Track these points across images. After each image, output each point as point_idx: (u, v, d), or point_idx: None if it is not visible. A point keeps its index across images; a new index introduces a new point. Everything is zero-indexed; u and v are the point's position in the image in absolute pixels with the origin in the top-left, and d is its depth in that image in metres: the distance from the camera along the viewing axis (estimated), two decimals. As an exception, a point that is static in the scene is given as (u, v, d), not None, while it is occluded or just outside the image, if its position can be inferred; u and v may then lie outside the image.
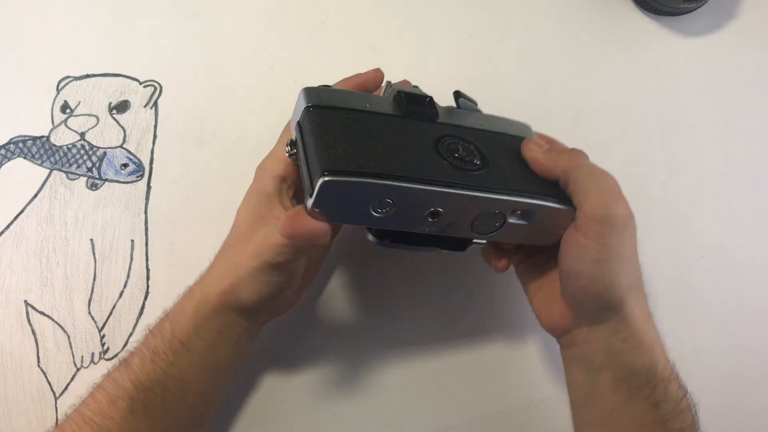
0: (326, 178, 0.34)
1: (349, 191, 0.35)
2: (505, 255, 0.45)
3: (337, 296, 0.53)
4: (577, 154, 0.42)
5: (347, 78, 0.45)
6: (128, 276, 0.53)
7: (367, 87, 0.45)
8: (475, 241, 0.42)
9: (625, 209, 0.40)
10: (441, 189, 0.36)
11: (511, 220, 0.39)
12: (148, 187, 0.55)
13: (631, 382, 0.40)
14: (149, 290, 0.53)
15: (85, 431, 0.41)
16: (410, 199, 0.36)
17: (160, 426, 0.42)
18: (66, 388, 0.51)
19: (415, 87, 0.43)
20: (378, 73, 0.45)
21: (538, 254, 0.45)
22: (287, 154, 0.41)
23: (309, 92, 0.40)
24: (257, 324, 0.46)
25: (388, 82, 0.44)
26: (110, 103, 0.56)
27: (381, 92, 0.44)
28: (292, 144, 0.40)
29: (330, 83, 0.56)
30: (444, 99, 0.46)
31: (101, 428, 0.41)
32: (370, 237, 0.40)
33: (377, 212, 0.36)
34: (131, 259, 0.53)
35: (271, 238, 0.40)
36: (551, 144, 0.45)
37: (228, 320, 0.43)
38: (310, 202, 0.36)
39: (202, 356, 0.43)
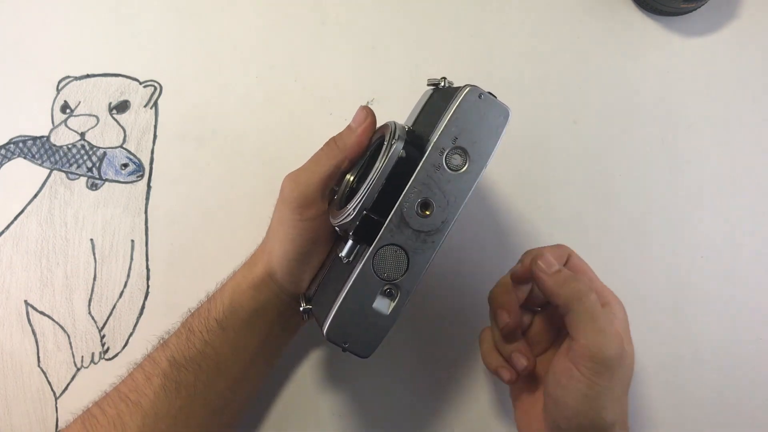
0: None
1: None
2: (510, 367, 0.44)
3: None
4: (580, 287, 0.40)
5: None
6: (128, 276, 0.53)
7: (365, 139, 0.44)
8: None
9: (618, 350, 0.39)
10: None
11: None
12: (148, 187, 0.55)
13: None
14: (149, 290, 0.53)
15: (120, 407, 0.42)
16: None
17: (192, 406, 0.43)
18: (66, 388, 0.51)
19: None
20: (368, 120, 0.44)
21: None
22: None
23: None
24: (292, 313, 0.45)
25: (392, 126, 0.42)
26: (110, 103, 0.56)
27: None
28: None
29: (330, 83, 0.57)
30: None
31: (135, 404, 0.42)
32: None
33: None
34: (131, 259, 0.53)
35: (286, 189, 0.42)
36: (561, 261, 0.43)
37: (264, 299, 0.44)
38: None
39: (236, 336, 0.44)
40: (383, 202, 0.37)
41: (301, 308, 0.43)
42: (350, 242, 0.38)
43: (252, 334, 0.45)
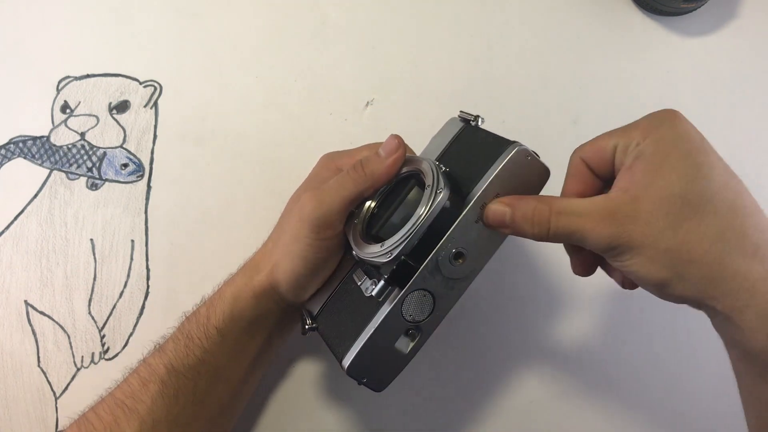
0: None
1: None
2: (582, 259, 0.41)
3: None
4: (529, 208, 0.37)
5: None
6: (128, 276, 0.53)
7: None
8: None
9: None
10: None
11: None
12: (148, 187, 0.55)
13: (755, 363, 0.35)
14: (149, 290, 0.53)
15: (116, 413, 0.42)
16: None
17: (189, 412, 0.43)
18: (66, 388, 0.51)
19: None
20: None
21: None
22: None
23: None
24: (290, 319, 0.46)
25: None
26: (110, 103, 0.56)
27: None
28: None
29: (330, 83, 0.57)
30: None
31: (131, 411, 0.42)
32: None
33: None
34: (131, 259, 0.53)
35: (307, 207, 0.41)
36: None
37: (265, 309, 0.44)
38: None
39: (236, 344, 0.44)
40: (421, 249, 0.37)
41: (306, 326, 0.43)
42: (382, 283, 0.38)
43: (251, 342, 0.44)
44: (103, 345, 0.52)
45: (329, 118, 0.56)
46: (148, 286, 0.53)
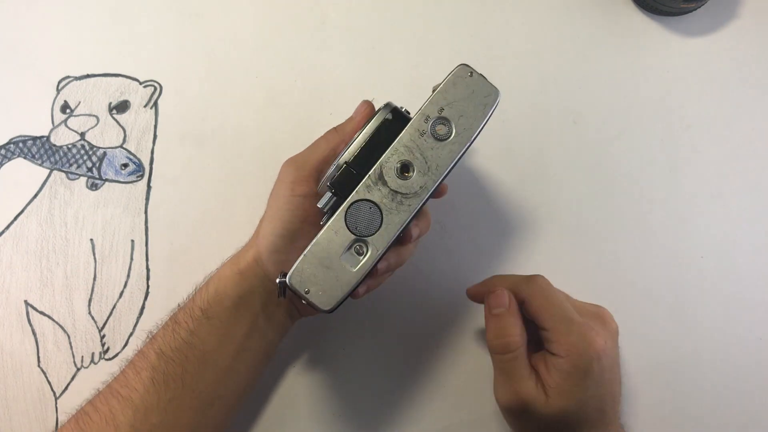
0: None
1: None
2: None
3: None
4: (501, 344, 0.45)
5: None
6: (128, 276, 0.53)
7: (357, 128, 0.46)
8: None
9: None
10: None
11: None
12: (148, 187, 0.55)
13: None
14: (149, 290, 0.53)
15: (111, 403, 0.43)
16: None
17: (181, 399, 0.43)
18: (66, 388, 0.51)
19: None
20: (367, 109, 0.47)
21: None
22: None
23: None
24: (276, 304, 0.46)
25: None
26: (110, 103, 0.56)
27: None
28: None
29: (330, 83, 0.57)
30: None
31: (126, 399, 0.43)
32: None
33: None
34: (131, 259, 0.53)
35: (284, 169, 0.45)
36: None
37: (249, 287, 0.44)
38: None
39: (221, 325, 0.44)
40: (364, 158, 0.38)
41: (277, 280, 0.42)
42: (328, 194, 0.39)
43: (237, 323, 0.45)
44: (103, 345, 0.52)
45: (329, 118, 0.56)
46: (148, 286, 0.53)
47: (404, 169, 0.38)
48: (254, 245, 0.45)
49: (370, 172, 0.38)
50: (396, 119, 0.39)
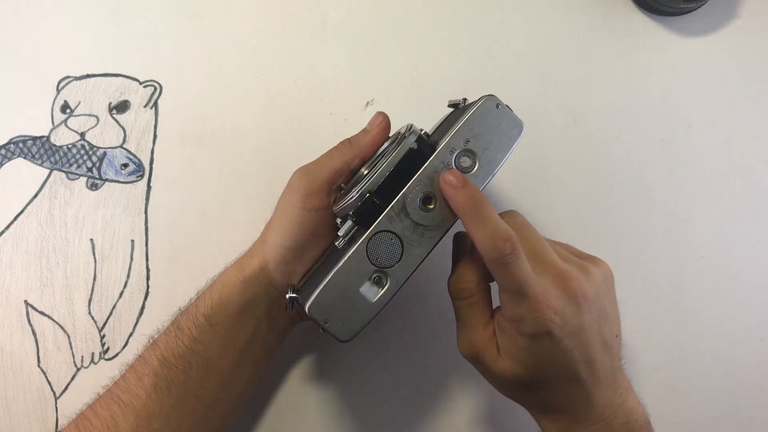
0: None
1: None
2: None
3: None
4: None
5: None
6: (128, 276, 0.53)
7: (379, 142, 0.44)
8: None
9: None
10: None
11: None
12: (148, 187, 0.55)
13: None
14: (149, 290, 0.53)
15: (112, 409, 0.42)
16: None
17: (184, 405, 0.43)
18: (66, 388, 0.51)
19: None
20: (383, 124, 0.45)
21: None
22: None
23: None
24: (279, 310, 0.45)
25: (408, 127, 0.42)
26: (110, 103, 0.56)
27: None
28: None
29: (330, 83, 0.57)
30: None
31: (127, 406, 0.42)
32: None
33: None
34: (131, 259, 0.53)
35: (295, 180, 0.43)
36: None
37: (253, 294, 0.44)
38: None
39: (225, 332, 0.43)
40: (388, 188, 0.37)
41: (287, 295, 0.42)
42: (349, 222, 0.38)
43: (240, 330, 0.44)
44: (103, 345, 0.52)
45: (329, 118, 0.56)
46: (148, 286, 0.53)
47: (426, 200, 0.38)
48: (260, 252, 0.44)
49: (393, 203, 0.37)
50: (421, 149, 0.38)
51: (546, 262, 0.38)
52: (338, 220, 0.41)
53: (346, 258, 0.38)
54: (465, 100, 0.43)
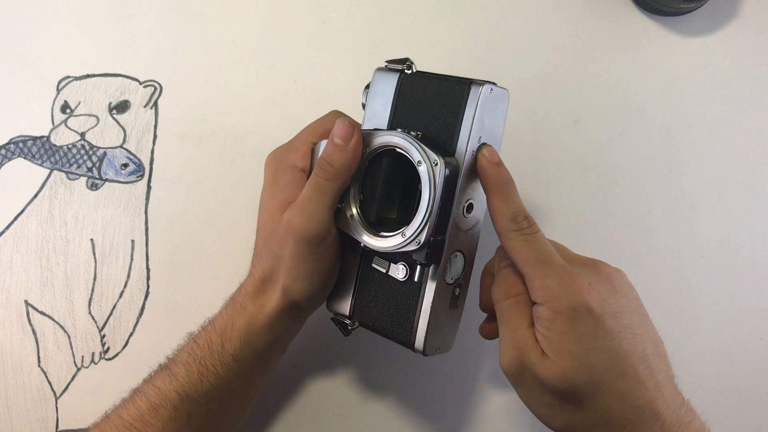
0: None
1: None
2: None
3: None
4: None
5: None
6: (128, 276, 0.53)
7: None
8: None
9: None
10: None
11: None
12: (148, 187, 0.55)
13: None
14: (149, 290, 0.53)
15: None
16: None
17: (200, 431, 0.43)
18: (66, 388, 0.51)
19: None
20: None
21: None
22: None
23: None
24: (300, 323, 0.46)
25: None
26: (110, 103, 0.56)
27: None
28: None
29: (330, 83, 0.57)
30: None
31: None
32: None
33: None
34: (131, 259, 0.53)
35: (298, 226, 0.40)
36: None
37: (282, 329, 0.44)
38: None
39: (252, 367, 0.44)
40: (441, 221, 0.38)
41: (349, 328, 0.44)
42: (419, 269, 0.39)
43: (267, 362, 0.45)
44: (103, 345, 0.52)
45: (329, 118, 0.56)
46: (148, 286, 0.53)
47: (469, 209, 0.40)
48: (282, 296, 0.42)
49: (449, 229, 0.39)
50: (452, 172, 0.38)
51: (569, 257, 0.38)
52: (369, 246, 0.40)
53: (434, 295, 0.40)
54: (408, 61, 0.43)
